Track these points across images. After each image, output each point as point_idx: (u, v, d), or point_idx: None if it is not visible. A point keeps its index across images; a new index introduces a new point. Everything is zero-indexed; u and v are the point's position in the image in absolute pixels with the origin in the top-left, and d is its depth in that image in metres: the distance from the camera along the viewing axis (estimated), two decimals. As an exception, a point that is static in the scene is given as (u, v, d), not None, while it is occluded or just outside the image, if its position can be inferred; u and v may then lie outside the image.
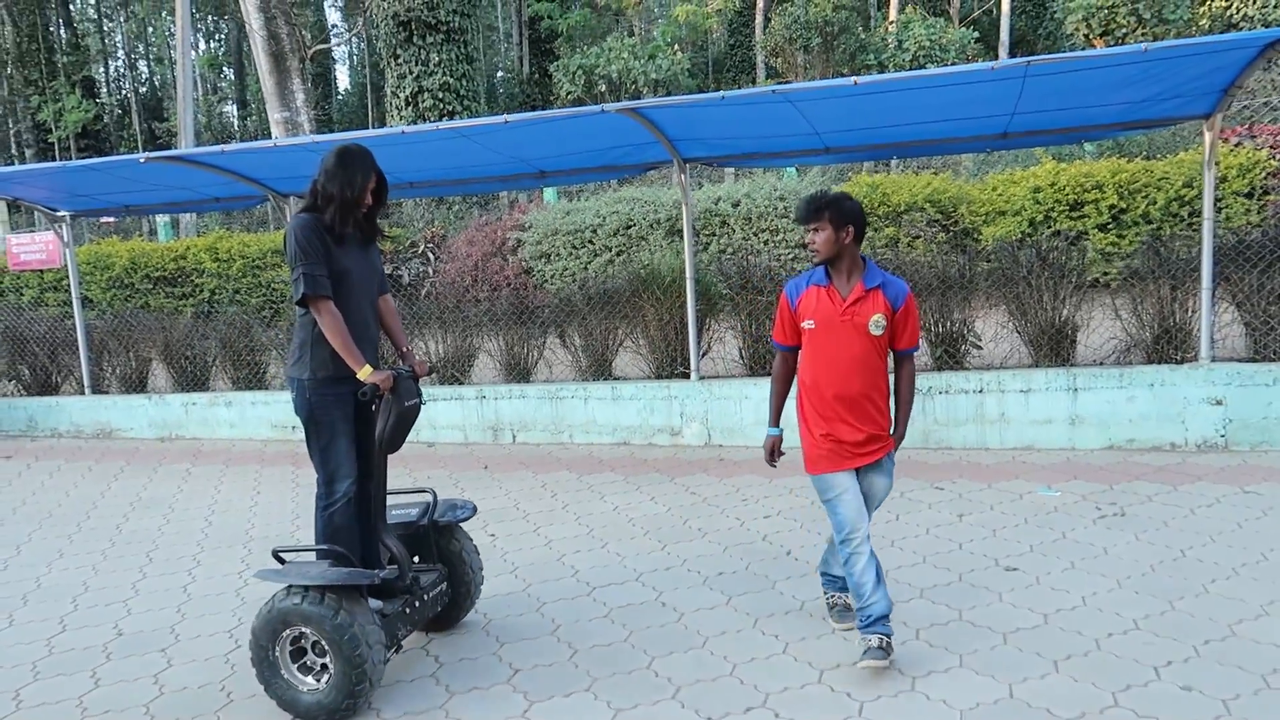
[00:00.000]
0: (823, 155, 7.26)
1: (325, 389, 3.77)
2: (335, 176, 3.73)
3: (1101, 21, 17.54)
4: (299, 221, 3.73)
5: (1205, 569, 4.56)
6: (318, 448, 3.85)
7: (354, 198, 3.75)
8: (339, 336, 3.66)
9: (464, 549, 4.32)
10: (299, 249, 3.67)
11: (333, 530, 3.85)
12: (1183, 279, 6.77)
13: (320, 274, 3.67)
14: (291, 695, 3.63)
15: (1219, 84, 5.80)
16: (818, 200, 3.62)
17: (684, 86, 23.14)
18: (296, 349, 3.83)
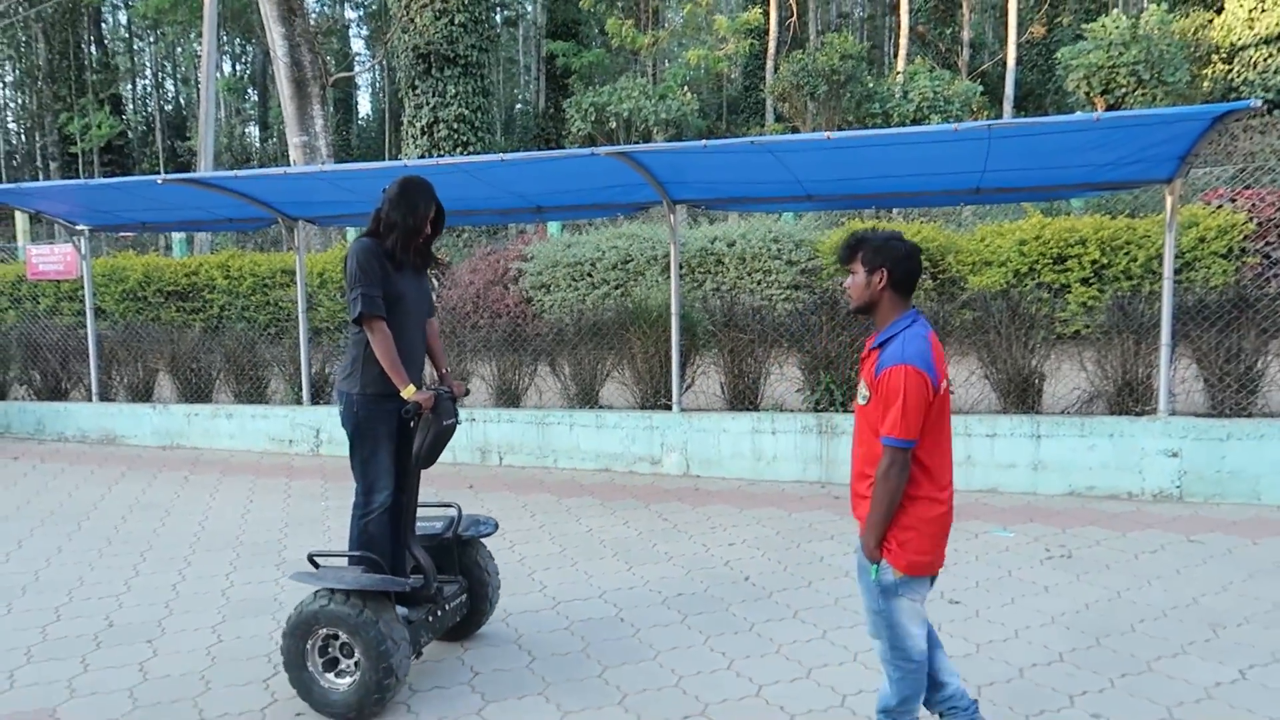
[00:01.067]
0: (805, 203, 7.60)
1: (373, 404, 3.96)
2: (399, 205, 3.91)
3: (1102, 81, 17.96)
4: (361, 245, 3.92)
5: (1137, 609, 4.81)
6: (360, 459, 4.03)
7: (415, 226, 3.94)
8: (388, 356, 3.85)
9: (484, 562, 4.52)
10: (359, 270, 3.86)
11: (367, 538, 4.03)
12: (1146, 334, 7.05)
13: (376, 295, 3.86)
14: (320, 693, 3.82)
15: (1177, 152, 6.12)
16: (855, 238, 3.10)
17: (693, 127, 23.63)
18: (349, 364, 4.03)
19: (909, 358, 2.84)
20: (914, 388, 2.83)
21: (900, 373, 2.85)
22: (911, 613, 3.06)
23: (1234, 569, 5.33)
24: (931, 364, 2.88)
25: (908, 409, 2.83)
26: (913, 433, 2.85)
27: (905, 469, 2.89)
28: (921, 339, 2.91)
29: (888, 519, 2.95)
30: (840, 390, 7.72)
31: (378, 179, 7.54)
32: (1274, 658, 4.20)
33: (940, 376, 2.91)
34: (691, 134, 24.22)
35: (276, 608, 5.16)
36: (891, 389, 2.86)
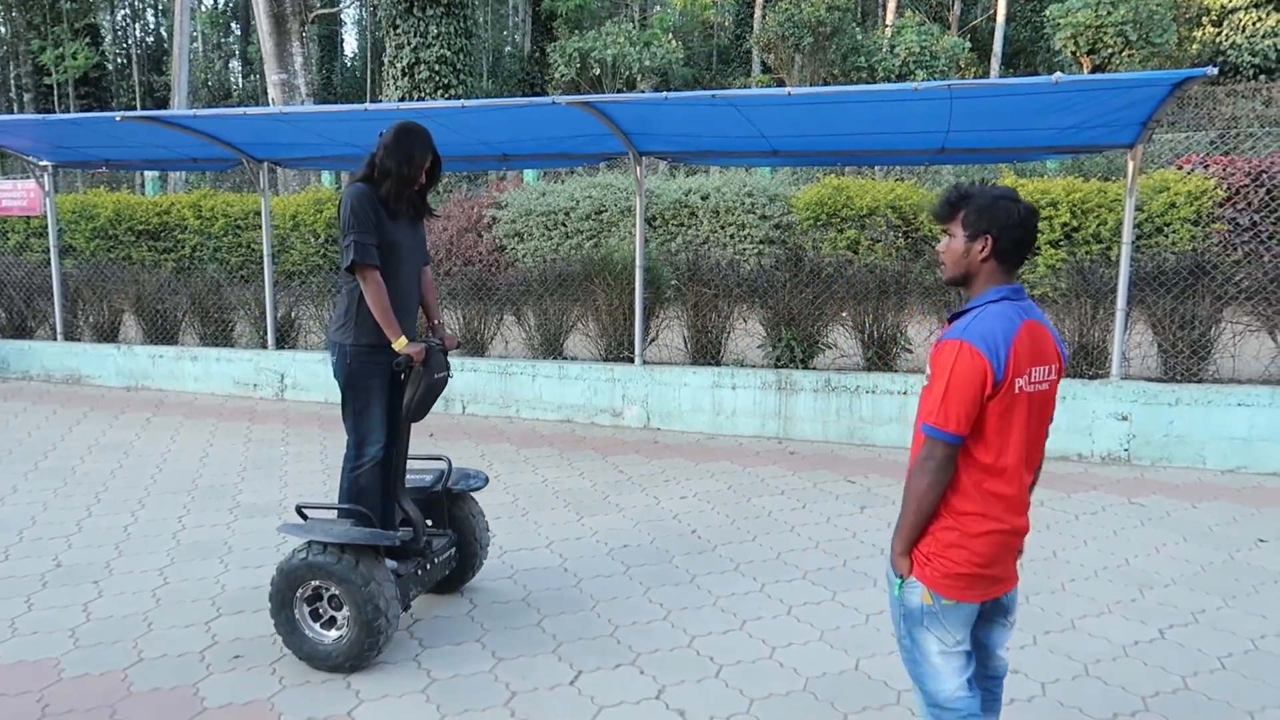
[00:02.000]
0: (771, 158, 7.57)
1: (366, 356, 3.89)
2: (394, 152, 3.79)
3: (1089, 40, 17.82)
4: (354, 191, 3.80)
5: (1070, 569, 4.91)
6: (352, 411, 3.97)
7: (410, 174, 3.82)
8: (380, 306, 3.76)
9: (473, 517, 4.50)
10: (352, 217, 3.74)
11: (357, 491, 3.98)
12: (1103, 299, 7.10)
13: (370, 243, 3.75)
14: (308, 646, 3.82)
15: (1139, 117, 6.11)
16: (957, 192, 2.55)
17: (679, 76, 23.36)
18: (341, 315, 3.93)
19: (968, 334, 2.37)
20: (964, 370, 2.34)
21: (951, 348, 2.38)
22: (942, 648, 2.53)
23: (1170, 531, 5.44)
24: (999, 349, 2.34)
25: (951, 392, 2.35)
26: (953, 422, 2.36)
27: (944, 468, 2.41)
28: (1002, 318, 2.40)
29: (917, 525, 2.49)
30: (800, 347, 7.76)
31: (341, 123, 7.46)
32: (1194, 619, 4.31)
33: (1013, 369, 2.35)
34: (677, 83, 23.95)
35: (225, 551, 5.21)
36: (937, 366, 2.42)
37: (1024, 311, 2.47)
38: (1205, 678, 3.77)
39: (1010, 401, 2.39)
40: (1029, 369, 2.41)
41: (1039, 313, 2.53)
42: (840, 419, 7.43)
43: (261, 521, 5.70)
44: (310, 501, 4.09)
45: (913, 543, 2.52)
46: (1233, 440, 6.54)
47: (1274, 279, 6.81)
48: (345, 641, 3.76)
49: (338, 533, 3.77)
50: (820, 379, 7.46)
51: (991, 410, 2.39)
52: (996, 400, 2.37)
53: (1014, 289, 2.49)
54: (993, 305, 2.44)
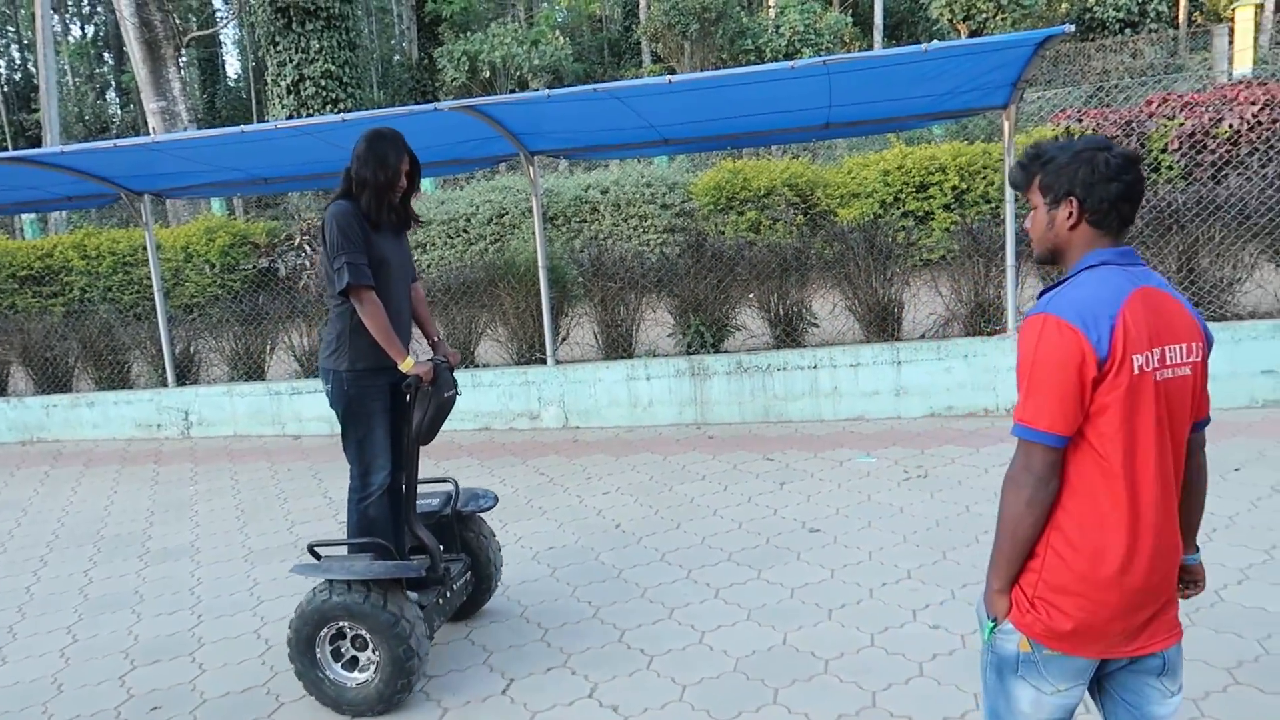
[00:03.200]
0: (663, 147, 7.60)
1: (365, 380, 3.70)
2: (368, 161, 3.61)
3: (964, 7, 18.33)
4: (337, 209, 3.60)
5: (983, 522, 5.06)
6: (354, 440, 3.77)
7: (388, 181, 3.63)
8: (381, 328, 3.58)
9: (485, 538, 4.33)
10: (341, 237, 3.54)
11: (368, 523, 3.79)
12: (994, 257, 7.32)
13: (362, 262, 3.55)
14: (335, 691, 3.62)
15: (1008, 79, 6.30)
16: (1029, 152, 2.09)
17: (570, 72, 23.29)
18: (333, 340, 3.73)
19: (1054, 305, 1.89)
20: (1052, 348, 1.85)
21: (1034, 325, 1.90)
22: (1038, 696, 2.01)
23: (1073, 475, 5.64)
24: (1100, 319, 1.84)
25: (1038, 379, 1.87)
26: (1046, 418, 1.87)
27: (1045, 481, 1.90)
28: (1104, 284, 1.90)
29: (1014, 557, 1.97)
30: (710, 332, 7.82)
31: (218, 148, 7.23)
32: (1100, 556, 4.48)
33: (1125, 344, 1.84)
34: (569, 79, 23.87)
35: (137, 601, 5.02)
36: (1021, 350, 1.93)
37: (1137, 277, 1.94)
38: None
39: (1131, 387, 1.86)
40: (1152, 346, 1.88)
41: (1160, 279, 1.98)
42: (755, 399, 7.51)
43: (174, 566, 5.51)
44: (323, 539, 3.89)
45: (1012, 578, 1.98)
46: (1126, 381, 6.80)
47: (1147, 223, 7.11)
48: (376, 683, 3.56)
49: (358, 569, 3.56)
50: (732, 361, 7.53)
51: (1103, 400, 1.86)
52: (1107, 385, 1.85)
53: (1120, 252, 1.97)
54: (1087, 271, 1.95)
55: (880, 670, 3.63)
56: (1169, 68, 18.23)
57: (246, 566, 5.41)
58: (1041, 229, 2.06)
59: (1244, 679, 3.36)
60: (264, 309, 9.35)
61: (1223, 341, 6.59)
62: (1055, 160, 2.01)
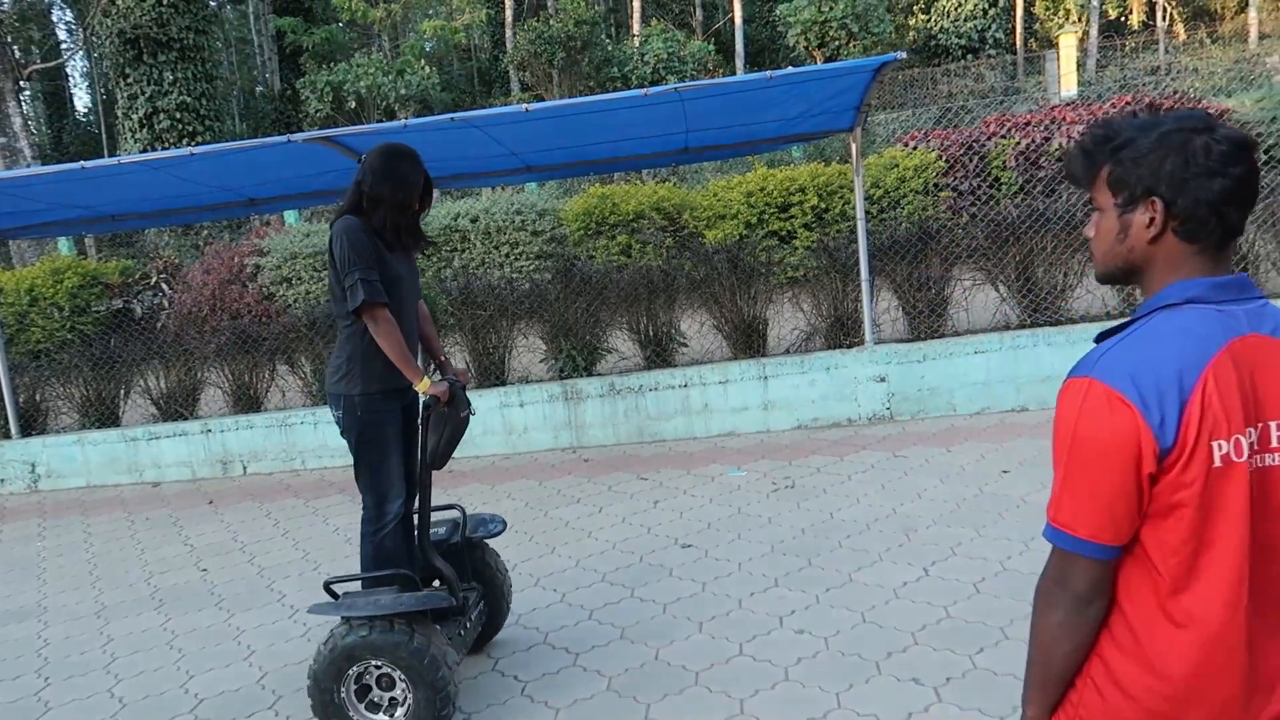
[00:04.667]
0: (526, 174, 7.65)
1: (378, 404, 3.55)
2: (385, 177, 3.46)
3: (817, 35, 19.10)
4: (349, 225, 3.44)
5: (845, 527, 5.25)
6: (368, 468, 3.62)
7: (405, 200, 3.51)
8: (397, 348, 3.43)
9: (495, 565, 4.20)
10: (353, 253, 3.39)
11: (385, 555, 3.63)
12: (850, 273, 7.63)
13: (376, 279, 3.41)
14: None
15: (852, 103, 6.61)
16: (1096, 134, 1.54)
17: (438, 101, 23.14)
18: (344, 363, 3.55)
19: (1107, 366, 1.40)
20: (1096, 428, 1.38)
21: (1078, 391, 1.41)
22: None
23: (929, 477, 5.92)
24: (1168, 391, 1.35)
25: (1077, 467, 1.41)
26: (1086, 523, 1.41)
27: (1085, 601, 1.44)
28: (1183, 336, 1.39)
29: (1049, 688, 1.54)
30: (581, 355, 7.87)
31: (57, 184, 6.90)
32: (952, 552, 4.72)
33: (1203, 426, 1.35)
34: (438, 108, 23.69)
35: (-25, 668, 4.70)
36: (1059, 422, 1.45)
37: (1236, 323, 1.42)
38: (964, 604, 4.14)
39: (1210, 484, 1.36)
40: (1250, 424, 1.38)
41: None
42: (629, 420, 7.60)
43: (18, 628, 5.19)
44: (337, 575, 3.65)
45: (1049, 707, 1.56)
46: (975, 385, 7.20)
47: (989, 236, 7.56)
48: (410, 719, 3.39)
49: (385, 603, 3.37)
50: (605, 384, 7.60)
51: (1167, 499, 1.38)
52: (1172, 481, 1.36)
53: (1217, 284, 1.44)
54: (1166, 313, 1.44)
55: (748, 678, 3.72)
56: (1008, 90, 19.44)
57: (99, 623, 5.14)
58: (1109, 240, 1.52)
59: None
60: (117, 352, 8.92)
61: (1058, 344, 7.05)
62: (1133, 145, 1.46)
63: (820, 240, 9.22)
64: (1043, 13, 31.49)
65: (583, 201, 11.78)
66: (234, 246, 13.27)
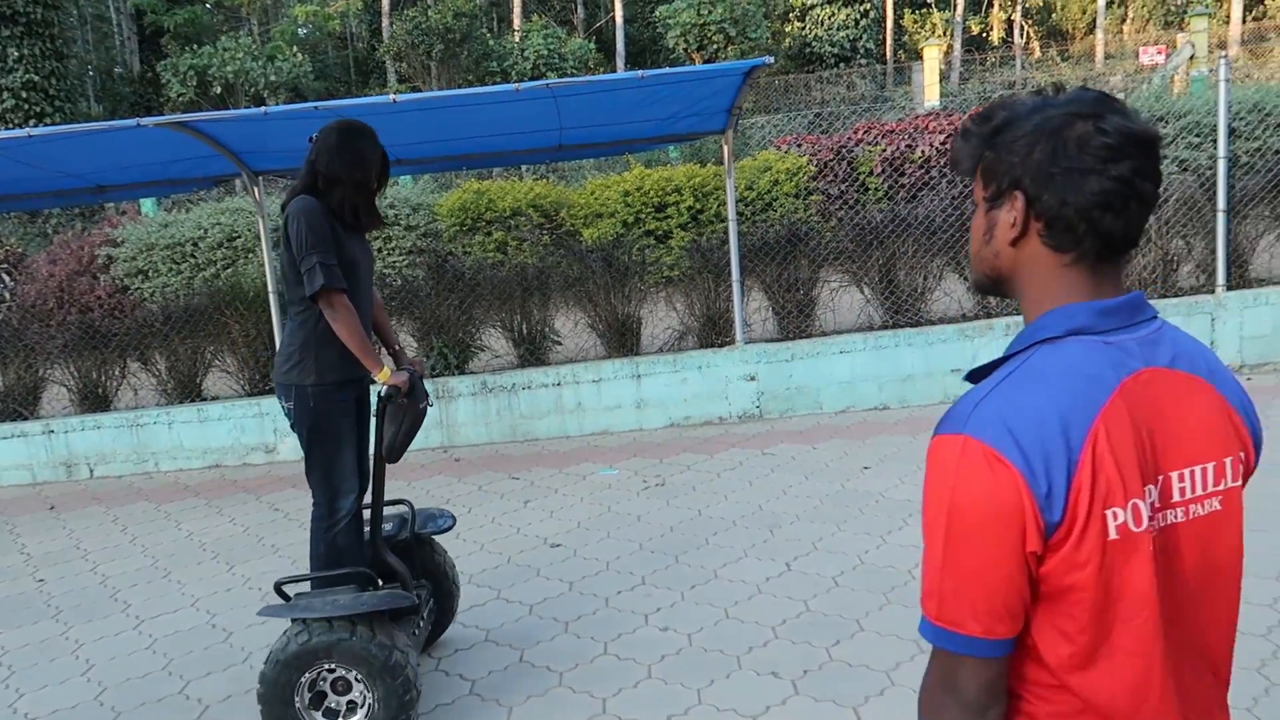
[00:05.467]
0: (396, 167, 7.45)
1: (332, 394, 3.37)
2: (342, 154, 3.29)
3: (696, 38, 19.35)
4: (305, 205, 3.25)
5: (712, 524, 5.33)
6: (322, 462, 3.43)
7: (363, 180, 3.35)
8: (356, 335, 3.26)
9: (445, 563, 4.04)
10: (311, 235, 3.20)
11: (338, 553, 3.45)
12: (722, 273, 7.75)
13: (334, 264, 3.23)
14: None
15: (724, 105, 6.71)
16: (981, 116, 1.26)
17: (310, 89, 22.39)
18: (297, 351, 3.35)
19: (982, 419, 1.12)
20: (974, 497, 1.10)
21: (951, 451, 1.13)
22: None
23: (794, 474, 6.07)
24: (1052, 454, 1.09)
25: (955, 546, 1.12)
26: (973, 616, 1.12)
27: (979, 709, 1.15)
28: (1072, 378, 1.13)
29: None
30: (453, 353, 7.74)
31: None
32: (814, 547, 4.84)
33: (1095, 491, 1.09)
34: (310, 96, 22.93)
35: None
36: (929, 488, 1.16)
37: (1127, 357, 1.16)
38: (823, 598, 4.25)
39: (1105, 563, 1.10)
40: (1148, 480, 1.13)
41: (1180, 340, 1.23)
42: (501, 418, 7.52)
43: None
44: (290, 575, 3.44)
45: None
46: (841, 384, 7.42)
47: (855, 240, 7.80)
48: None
49: (345, 603, 3.18)
50: (477, 382, 7.50)
51: (1059, 581, 1.11)
52: (1063, 561, 1.10)
53: (1106, 308, 1.18)
54: (1047, 349, 1.17)
55: (612, 676, 3.73)
56: (877, 99, 20.12)
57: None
58: (977, 241, 1.29)
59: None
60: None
61: (918, 345, 7.34)
62: (1011, 128, 1.20)
63: (695, 240, 9.33)
64: (911, 26, 32.79)
65: (458, 197, 11.59)
66: (85, 236, 12.52)
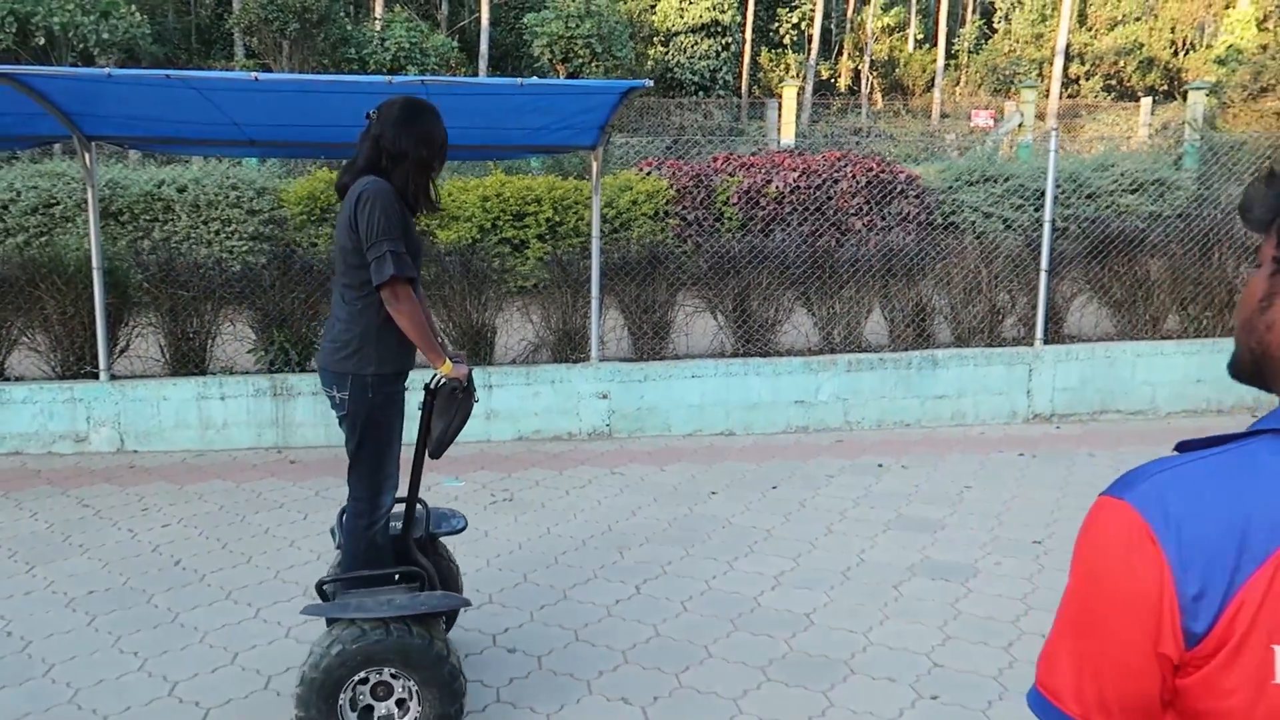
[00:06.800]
0: (249, 148, 7.08)
1: (389, 386, 3.29)
2: (410, 130, 3.14)
3: (562, 50, 19.35)
4: (379, 187, 3.08)
5: (562, 542, 5.28)
6: (370, 455, 3.31)
7: (430, 158, 3.21)
8: (420, 327, 3.17)
9: (452, 562, 3.95)
10: (385, 221, 3.04)
11: (375, 552, 3.33)
12: (581, 289, 7.73)
13: (404, 252, 3.10)
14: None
15: (597, 122, 6.71)
16: None
17: (147, 53, 20.94)
18: (356, 338, 3.19)
19: (1151, 490, 0.97)
20: (1106, 566, 0.98)
21: (1100, 516, 1.01)
22: None
23: (643, 495, 6.10)
24: (1216, 556, 0.91)
25: (1081, 615, 1.01)
26: (1076, 691, 0.99)
27: None
28: (1262, 477, 0.93)
29: None
30: (296, 349, 7.37)
31: None
32: (663, 571, 4.88)
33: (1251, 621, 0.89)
34: (146, 61, 21.43)
35: None
36: (1074, 554, 1.04)
37: None
38: (672, 622, 4.28)
39: (1259, 705, 0.90)
40: None
41: None
42: (343, 421, 7.20)
43: None
44: (335, 575, 3.29)
45: None
46: (690, 407, 7.53)
47: (712, 266, 7.96)
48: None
49: (403, 604, 3.09)
50: (319, 381, 7.15)
51: (1192, 706, 0.95)
52: (1199, 683, 0.94)
53: None
54: (1266, 441, 0.97)
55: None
56: (733, 130, 20.72)
57: None
58: (1251, 305, 1.06)
59: (775, 675, 3.82)
60: None
61: (766, 374, 7.55)
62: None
63: (555, 253, 9.28)
64: (767, 64, 34.01)
65: (308, 184, 11.12)
66: None
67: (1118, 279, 8.38)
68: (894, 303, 8.16)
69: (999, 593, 4.58)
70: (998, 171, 12.24)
